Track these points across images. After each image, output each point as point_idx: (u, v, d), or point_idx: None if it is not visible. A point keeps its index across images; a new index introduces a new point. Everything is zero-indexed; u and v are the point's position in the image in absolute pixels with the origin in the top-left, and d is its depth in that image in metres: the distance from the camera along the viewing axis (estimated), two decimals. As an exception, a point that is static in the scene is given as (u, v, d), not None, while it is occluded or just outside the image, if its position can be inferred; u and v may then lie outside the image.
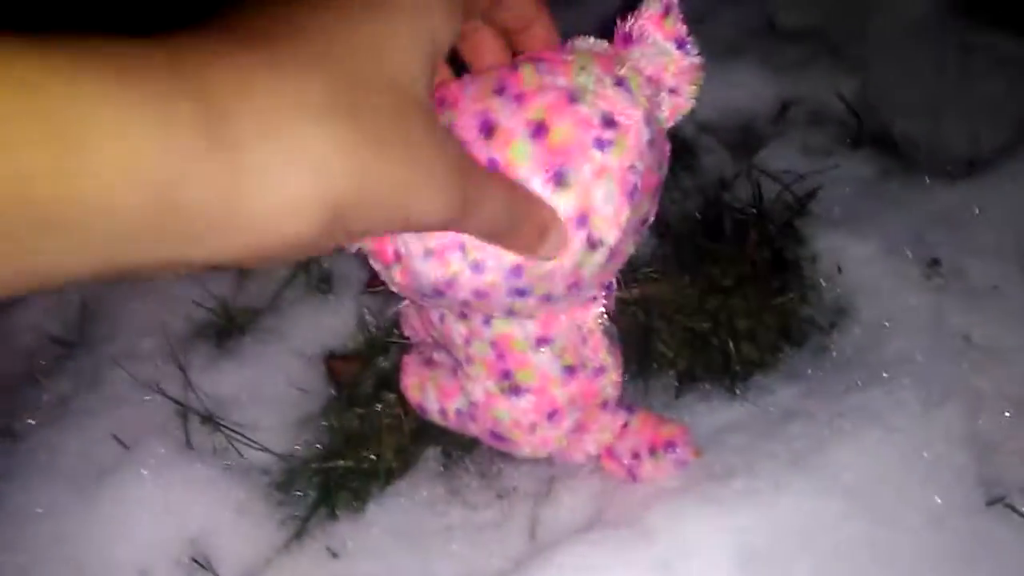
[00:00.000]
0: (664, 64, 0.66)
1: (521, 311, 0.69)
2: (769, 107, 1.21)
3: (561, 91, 0.59)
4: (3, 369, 0.91)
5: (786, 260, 0.99)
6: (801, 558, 0.67)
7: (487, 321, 0.72)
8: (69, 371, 0.87)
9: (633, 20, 0.66)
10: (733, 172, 1.09)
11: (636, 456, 0.77)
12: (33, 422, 0.82)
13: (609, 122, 0.59)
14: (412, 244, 0.62)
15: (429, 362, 0.83)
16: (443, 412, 0.80)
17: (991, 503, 0.73)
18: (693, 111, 0.66)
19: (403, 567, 0.76)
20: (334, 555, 0.77)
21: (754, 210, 1.04)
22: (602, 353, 0.76)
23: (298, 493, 0.81)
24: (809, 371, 0.87)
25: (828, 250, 0.99)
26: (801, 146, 1.15)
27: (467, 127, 0.58)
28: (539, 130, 0.57)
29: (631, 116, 0.60)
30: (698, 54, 0.65)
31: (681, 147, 1.11)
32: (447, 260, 0.60)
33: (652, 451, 0.76)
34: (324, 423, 0.86)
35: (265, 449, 0.81)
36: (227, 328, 0.92)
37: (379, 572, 0.75)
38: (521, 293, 0.64)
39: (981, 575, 0.70)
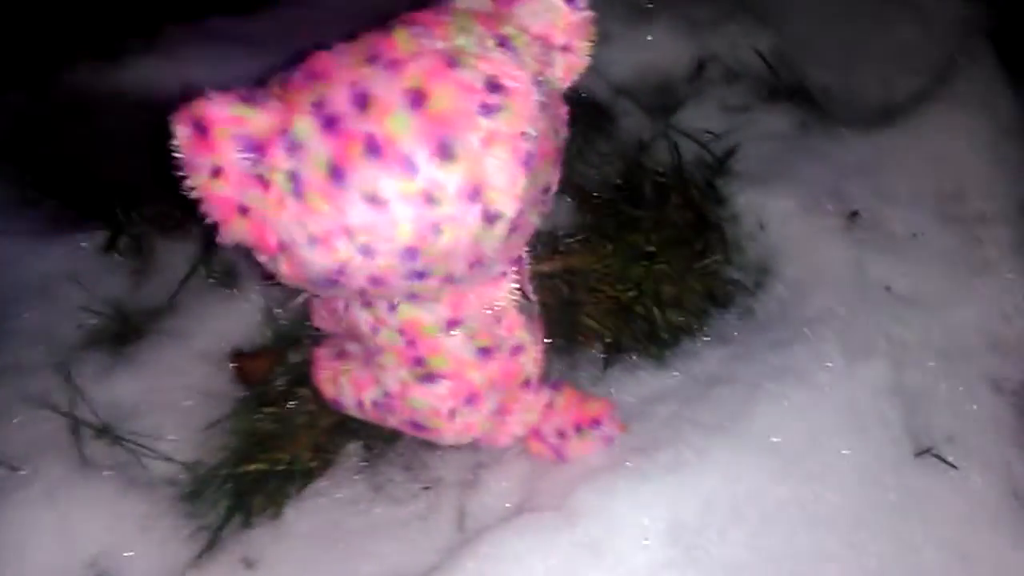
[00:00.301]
0: (552, 20, 0.62)
1: (424, 293, 0.65)
2: (685, 66, 1.18)
3: (439, 55, 0.54)
4: None
5: (708, 221, 0.96)
6: (733, 527, 0.65)
7: (392, 307, 0.67)
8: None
9: (516, -26, 0.62)
10: (651, 134, 1.06)
11: (562, 435, 0.74)
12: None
13: (494, 86, 0.54)
14: (295, 231, 0.58)
15: (341, 354, 0.78)
16: (360, 405, 0.76)
17: (919, 454, 0.73)
18: (606, 72, 0.63)
19: (325, 572, 0.72)
20: (249, 565, 0.72)
21: (674, 172, 1.01)
22: (518, 331, 0.72)
23: (208, 503, 0.76)
24: (735, 333, 0.85)
25: (749, 208, 0.97)
26: (719, 104, 1.12)
27: (339, 100, 0.53)
28: (417, 99, 0.53)
29: (518, 78, 0.56)
30: (586, 7, 0.62)
31: (597, 111, 1.07)
32: (333, 246, 0.56)
33: (578, 429, 0.73)
34: (233, 427, 0.81)
35: (169, 459, 0.76)
36: (122, 333, 0.86)
37: (298, 579, 0.71)
38: (420, 275, 0.60)
39: (913, 525, 0.69)
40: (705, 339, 0.86)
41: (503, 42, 0.57)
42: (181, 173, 0.54)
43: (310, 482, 0.79)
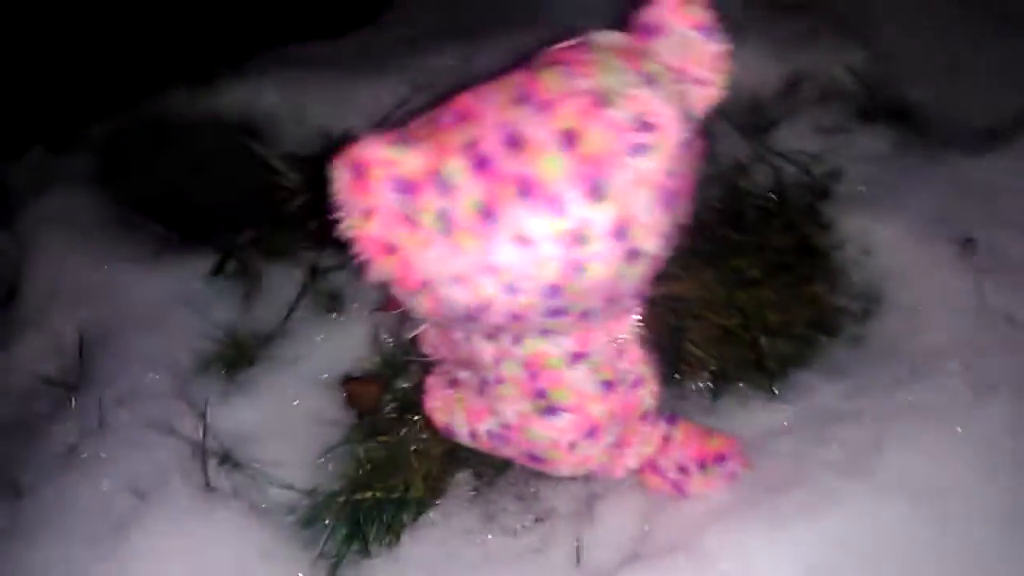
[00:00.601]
0: (689, 54, 0.61)
1: (556, 329, 0.65)
2: (774, 85, 1.17)
3: (589, 95, 0.54)
4: (8, 416, 0.85)
5: (812, 246, 0.95)
6: (867, 572, 0.63)
7: (518, 340, 0.67)
8: (72, 416, 0.82)
9: (652, 9, 0.62)
10: (747, 157, 1.05)
11: (683, 470, 0.73)
12: (38, 475, 0.77)
13: (644, 125, 0.54)
14: (440, 269, 0.59)
15: (454, 383, 0.78)
16: (473, 434, 0.76)
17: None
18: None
19: (445, 605, 0.72)
20: (371, 596, 0.73)
21: (774, 196, 1.00)
22: (639, 364, 0.72)
23: (326, 530, 0.76)
24: (848, 364, 0.83)
25: (854, 233, 0.95)
26: (813, 124, 1.10)
27: (491, 141, 0.54)
28: (570, 140, 0.53)
29: (665, 116, 0.56)
30: (723, 40, 0.61)
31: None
32: (478, 284, 0.56)
33: (701, 465, 0.72)
34: (348, 453, 0.81)
35: (289, 486, 0.77)
36: (236, 359, 0.87)
37: (420, 610, 0.71)
38: (558, 312, 0.60)
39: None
40: (816, 370, 0.84)
41: (648, 79, 0.57)
42: (336, 215, 0.55)
43: (424, 511, 0.79)
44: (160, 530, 0.71)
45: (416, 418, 0.83)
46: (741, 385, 0.84)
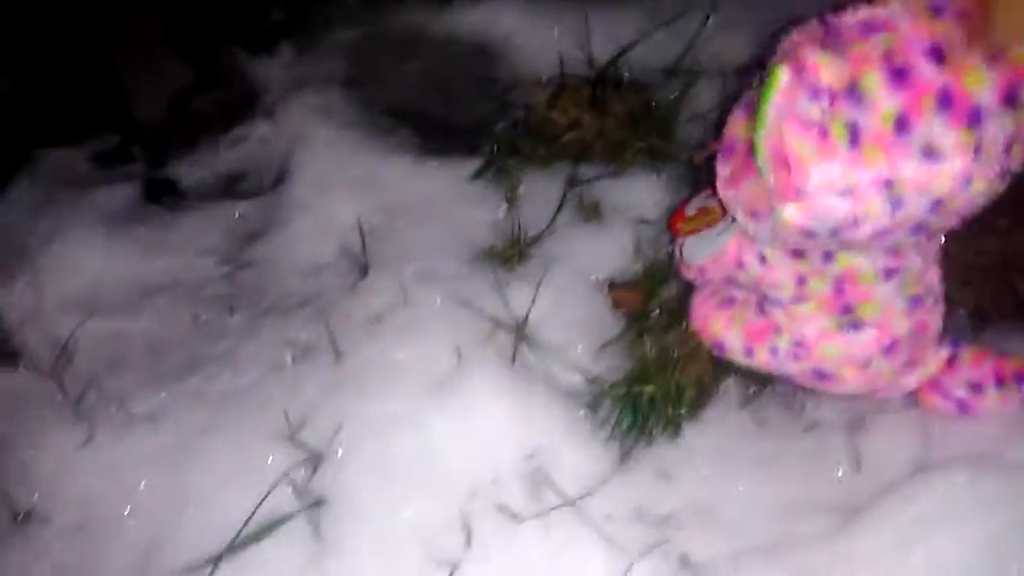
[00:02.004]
0: None
1: (893, 246, 0.67)
2: None
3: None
4: (297, 287, 0.91)
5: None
6: None
7: (829, 257, 0.68)
8: (369, 292, 0.88)
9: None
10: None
11: (976, 388, 0.76)
12: (350, 340, 0.83)
13: None
14: (834, 180, 0.57)
15: (728, 301, 0.81)
16: (749, 351, 0.78)
17: None
18: None
19: (733, 493, 0.76)
20: (665, 478, 0.77)
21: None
22: (939, 283, 0.74)
23: (609, 416, 0.81)
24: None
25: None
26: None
27: (912, 53, 0.55)
28: (995, 57, 0.54)
29: None
30: None
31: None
32: (868, 197, 0.57)
33: (999, 382, 0.75)
34: (623, 350, 0.86)
35: (582, 372, 0.82)
36: (511, 254, 0.92)
37: (714, 496, 0.75)
38: (923, 229, 0.60)
39: None
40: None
41: None
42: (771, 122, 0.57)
43: (698, 411, 0.83)
44: (481, 388, 0.76)
45: (684, 325, 0.86)
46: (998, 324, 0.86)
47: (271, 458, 0.75)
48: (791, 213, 0.61)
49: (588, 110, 1.07)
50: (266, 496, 0.72)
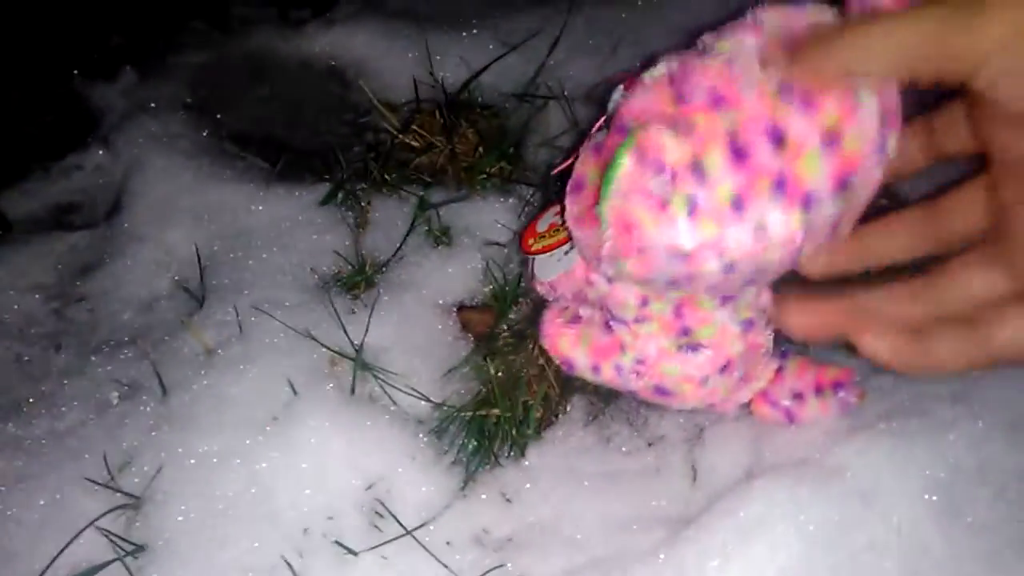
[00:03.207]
0: None
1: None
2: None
3: (848, 92, 0.54)
4: (129, 321, 0.87)
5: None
6: (980, 488, 0.70)
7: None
8: (203, 323, 0.84)
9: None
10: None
11: (798, 397, 0.79)
12: (179, 374, 0.79)
13: (884, 120, 0.56)
14: (667, 244, 0.58)
15: (576, 319, 0.82)
16: (595, 368, 0.79)
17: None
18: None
19: (574, 510, 0.76)
20: (508, 500, 0.77)
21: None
22: (769, 306, 0.77)
23: (455, 440, 0.80)
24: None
25: None
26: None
27: (752, 134, 0.55)
28: (831, 139, 0.54)
29: (898, 109, 0.57)
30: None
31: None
32: (703, 260, 0.58)
33: (818, 391, 0.78)
34: (470, 374, 0.85)
35: (425, 398, 0.81)
36: (356, 280, 0.90)
37: (555, 516, 0.76)
38: (752, 283, 0.63)
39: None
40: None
41: None
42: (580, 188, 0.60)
43: (542, 431, 0.83)
44: (317, 421, 0.74)
45: (531, 346, 0.87)
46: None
47: (88, 505, 0.71)
48: (631, 266, 0.62)
49: (440, 134, 1.07)
50: (71, 541, 0.67)
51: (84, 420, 0.77)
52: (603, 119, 0.65)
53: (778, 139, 0.55)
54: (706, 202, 0.56)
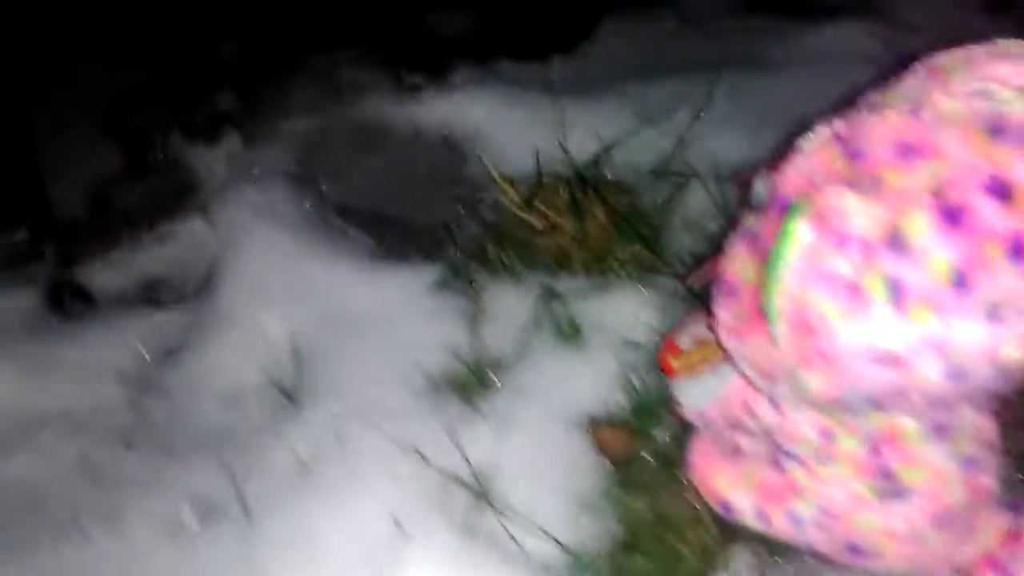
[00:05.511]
0: None
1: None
2: None
3: None
4: (211, 420, 0.75)
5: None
6: None
7: (861, 411, 0.56)
8: (296, 427, 0.72)
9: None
10: None
11: (1042, 569, 0.61)
12: (266, 492, 0.67)
13: None
14: (866, 344, 0.45)
15: (735, 452, 0.67)
16: (763, 515, 0.64)
17: None
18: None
19: None
20: None
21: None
22: (995, 440, 0.61)
23: (590, 597, 0.64)
24: None
25: None
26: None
27: (965, 187, 0.43)
28: None
29: None
30: None
31: None
32: (917, 367, 0.45)
33: (1072, 566, 0.60)
34: (608, 509, 0.70)
35: (554, 539, 0.65)
36: (471, 383, 0.76)
37: None
38: (985, 396, 0.50)
39: None
40: None
41: None
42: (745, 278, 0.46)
43: (699, 587, 0.67)
44: (425, 566, 0.60)
45: (680, 478, 0.71)
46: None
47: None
48: (816, 382, 0.49)
49: (566, 213, 0.94)
50: None
51: (153, 547, 0.64)
52: (753, 193, 0.52)
53: (1002, 192, 0.42)
54: (915, 282, 0.43)
